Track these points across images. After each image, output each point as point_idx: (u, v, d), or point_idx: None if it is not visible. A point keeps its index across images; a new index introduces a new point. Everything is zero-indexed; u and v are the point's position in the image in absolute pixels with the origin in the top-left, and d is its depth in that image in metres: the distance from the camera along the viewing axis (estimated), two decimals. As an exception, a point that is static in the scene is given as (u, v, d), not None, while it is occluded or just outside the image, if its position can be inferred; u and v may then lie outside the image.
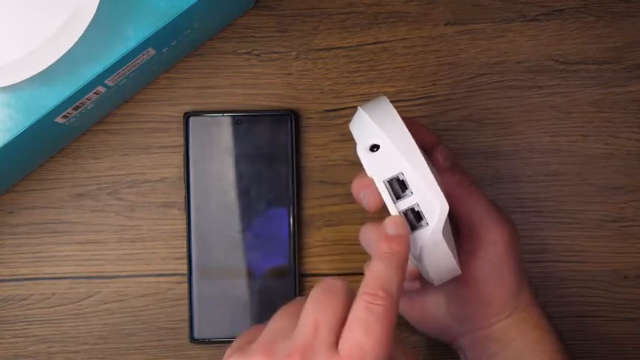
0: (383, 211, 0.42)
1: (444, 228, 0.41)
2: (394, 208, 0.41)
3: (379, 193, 0.41)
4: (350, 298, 0.38)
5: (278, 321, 0.39)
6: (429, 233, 0.41)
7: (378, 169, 0.41)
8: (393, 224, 0.40)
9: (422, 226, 0.41)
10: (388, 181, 0.41)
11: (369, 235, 0.44)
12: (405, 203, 0.41)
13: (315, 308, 0.37)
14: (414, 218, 0.41)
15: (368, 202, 0.43)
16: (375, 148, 0.41)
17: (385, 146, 0.41)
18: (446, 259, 0.42)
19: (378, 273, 0.38)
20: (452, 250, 0.42)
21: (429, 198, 0.40)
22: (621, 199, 0.54)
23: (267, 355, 0.36)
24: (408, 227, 0.40)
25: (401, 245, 0.39)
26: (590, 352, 0.54)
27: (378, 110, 0.42)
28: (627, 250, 0.54)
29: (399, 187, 0.41)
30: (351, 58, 0.54)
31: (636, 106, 0.54)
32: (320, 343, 0.36)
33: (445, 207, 0.40)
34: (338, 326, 0.36)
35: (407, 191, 0.41)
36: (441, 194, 0.40)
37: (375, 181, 0.41)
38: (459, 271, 0.43)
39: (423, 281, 0.46)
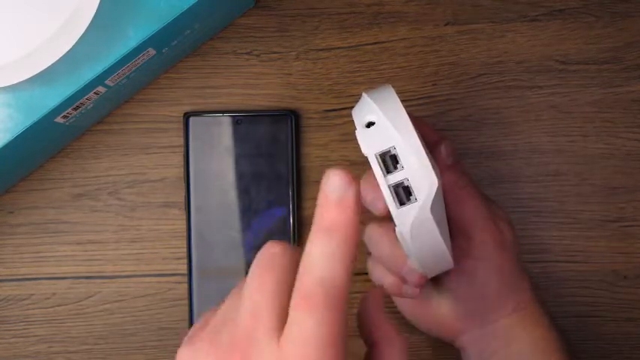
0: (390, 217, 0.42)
1: (435, 208, 0.40)
2: (383, 182, 0.40)
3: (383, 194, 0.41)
4: (294, 262, 0.32)
5: (227, 304, 0.34)
6: (416, 209, 0.40)
7: (370, 143, 0.40)
8: (333, 179, 0.31)
9: (411, 202, 0.40)
10: (380, 155, 0.40)
11: (370, 232, 0.43)
12: (394, 177, 0.40)
13: (253, 288, 0.32)
14: (404, 194, 0.40)
15: (376, 206, 0.42)
16: (370, 124, 0.41)
17: (380, 122, 0.41)
18: (434, 239, 0.40)
19: (314, 264, 0.30)
20: (443, 235, 0.41)
21: (419, 173, 0.40)
22: (621, 199, 0.54)
23: (211, 347, 0.32)
24: (355, 183, 0.31)
25: (343, 213, 0.30)
26: (590, 352, 0.54)
27: (379, 93, 0.42)
28: (627, 250, 0.54)
29: (390, 162, 0.41)
30: (351, 58, 0.54)
31: (636, 106, 0.54)
32: (260, 335, 0.31)
33: (435, 183, 0.40)
34: (280, 304, 0.31)
35: (398, 166, 0.40)
36: (432, 170, 0.40)
37: (368, 156, 0.40)
38: (449, 259, 0.42)
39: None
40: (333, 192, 0.31)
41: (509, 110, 0.54)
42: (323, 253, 0.30)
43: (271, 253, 0.33)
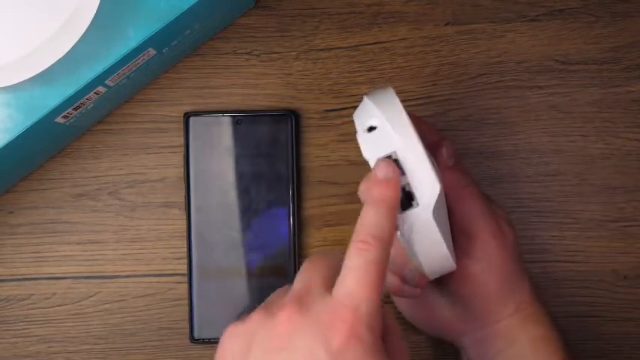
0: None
1: (437, 212, 0.41)
2: None
3: None
4: (341, 261, 0.38)
5: (274, 293, 0.39)
6: (419, 213, 0.40)
7: (372, 148, 0.41)
8: (383, 167, 0.39)
9: (413, 206, 0.40)
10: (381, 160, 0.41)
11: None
12: None
13: (307, 268, 0.38)
14: (406, 198, 0.41)
15: None
16: (372, 129, 0.41)
17: (381, 126, 0.41)
18: (436, 242, 0.41)
19: (368, 220, 0.37)
20: (445, 237, 0.42)
21: (421, 178, 0.40)
22: (621, 199, 0.54)
23: (262, 311, 0.36)
24: (398, 171, 0.40)
25: (390, 190, 0.38)
26: (590, 351, 0.54)
27: (380, 96, 0.42)
28: (627, 250, 0.54)
29: None
30: (351, 58, 0.54)
31: (636, 106, 0.54)
32: (315, 289, 0.36)
33: (437, 187, 0.40)
34: (331, 280, 0.36)
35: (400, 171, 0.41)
36: (434, 175, 0.40)
37: (370, 160, 0.41)
38: (451, 261, 0.42)
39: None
40: (383, 174, 0.39)
41: (509, 110, 0.54)
42: (375, 215, 0.37)
43: (322, 250, 0.40)
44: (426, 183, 0.40)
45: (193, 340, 0.53)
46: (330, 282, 0.36)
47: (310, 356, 0.33)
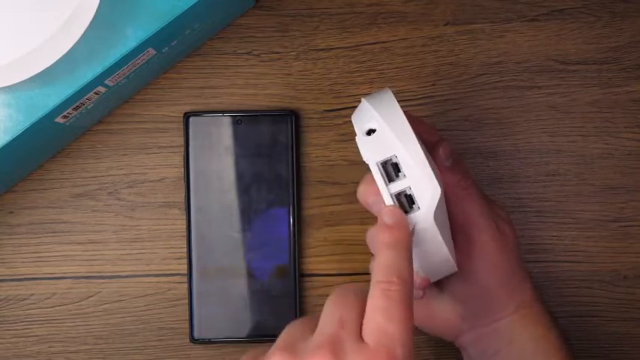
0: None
1: (437, 215, 0.41)
2: (386, 191, 0.40)
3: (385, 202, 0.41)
4: (367, 296, 0.37)
5: (292, 328, 0.38)
6: (419, 217, 0.40)
7: (372, 152, 0.41)
8: (389, 213, 0.40)
9: (414, 210, 0.40)
10: (381, 164, 0.40)
11: (372, 233, 0.43)
12: (396, 186, 0.40)
13: (337, 306, 0.36)
14: (407, 202, 0.41)
15: (378, 208, 0.43)
16: (371, 132, 0.41)
17: (381, 130, 0.41)
18: (438, 246, 0.41)
19: (387, 261, 0.37)
20: (446, 240, 0.42)
21: (422, 181, 0.40)
22: (621, 199, 0.54)
23: (287, 354, 0.35)
24: (404, 214, 0.40)
25: (401, 231, 0.39)
26: (590, 351, 0.54)
27: (378, 99, 0.42)
28: (627, 250, 0.54)
29: (392, 170, 0.41)
30: (351, 58, 0.54)
31: (636, 106, 0.54)
32: (348, 335, 0.35)
33: (437, 191, 0.40)
34: (361, 322, 0.36)
35: (400, 174, 0.40)
36: (434, 178, 0.40)
37: (369, 164, 0.41)
38: (453, 264, 0.43)
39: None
40: (389, 219, 0.39)
41: (509, 110, 0.54)
42: (393, 256, 0.37)
43: (347, 285, 0.38)
44: (426, 187, 0.40)
45: (193, 340, 0.53)
46: (361, 322, 0.36)
47: None
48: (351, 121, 0.43)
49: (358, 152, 0.49)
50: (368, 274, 0.49)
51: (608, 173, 0.54)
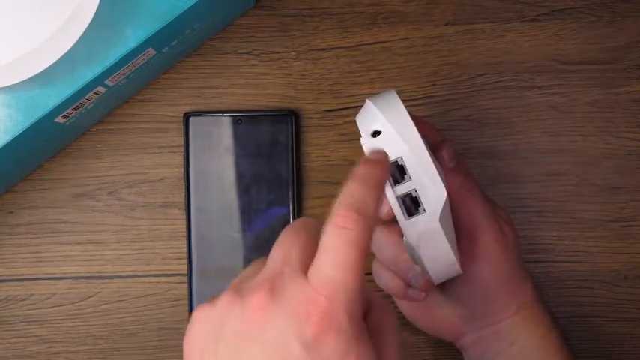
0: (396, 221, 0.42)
1: (443, 218, 0.40)
2: (391, 193, 0.40)
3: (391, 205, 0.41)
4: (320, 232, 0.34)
5: (245, 270, 0.36)
6: (425, 220, 0.40)
7: None
8: (375, 151, 0.39)
9: (419, 212, 0.40)
10: None
11: (375, 235, 0.43)
12: (402, 188, 0.40)
13: (284, 243, 0.34)
14: (412, 205, 0.40)
15: (382, 210, 0.42)
16: (376, 134, 0.41)
17: (386, 132, 0.41)
18: (443, 249, 0.41)
19: (350, 192, 0.34)
20: (451, 243, 0.42)
21: (427, 184, 0.40)
22: (621, 199, 0.54)
23: (232, 293, 0.33)
24: (387, 157, 0.39)
25: (377, 168, 0.36)
26: (590, 351, 0.54)
27: (384, 100, 0.42)
28: (627, 250, 0.54)
29: (398, 172, 0.41)
30: (351, 58, 0.54)
31: (636, 106, 0.54)
32: (290, 271, 0.32)
33: (443, 194, 0.40)
34: (309, 256, 0.33)
35: (405, 177, 0.40)
36: (440, 181, 0.40)
37: None
38: (457, 267, 0.42)
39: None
40: (372, 156, 0.37)
41: (509, 110, 0.54)
42: (359, 188, 0.34)
43: (303, 219, 0.36)
44: (432, 189, 0.40)
45: (193, 340, 0.53)
46: (307, 259, 0.33)
47: (283, 348, 0.31)
48: (352, 121, 0.43)
49: (359, 152, 0.49)
50: (369, 274, 0.49)
51: (609, 173, 0.54)
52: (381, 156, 0.38)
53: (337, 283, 0.31)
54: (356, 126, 0.42)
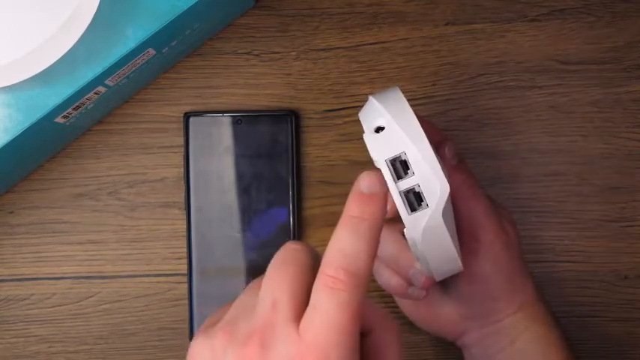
0: (398, 220, 0.42)
1: (445, 214, 0.41)
2: (394, 188, 0.40)
3: (394, 200, 0.41)
4: (314, 260, 0.33)
5: (243, 298, 0.35)
6: (428, 215, 0.40)
7: (380, 149, 0.40)
8: (367, 179, 0.34)
9: (422, 207, 0.40)
10: (390, 161, 0.40)
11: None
12: (405, 183, 0.40)
13: (273, 282, 0.32)
14: (415, 200, 0.40)
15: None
16: (379, 129, 0.41)
17: (389, 127, 0.41)
18: (445, 245, 0.41)
19: (341, 246, 0.32)
20: (453, 240, 0.42)
21: (430, 179, 0.40)
22: (621, 199, 0.54)
23: (227, 337, 0.32)
24: (386, 185, 0.36)
25: (374, 206, 0.33)
26: (590, 351, 0.54)
27: (387, 97, 0.42)
28: (627, 250, 0.54)
29: (401, 167, 0.41)
30: (351, 58, 0.54)
31: (636, 106, 0.54)
32: (280, 322, 0.31)
33: (446, 188, 0.40)
34: (300, 298, 0.32)
35: (409, 172, 0.40)
36: (443, 176, 0.40)
37: (378, 161, 0.41)
38: (459, 263, 0.42)
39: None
40: (366, 188, 0.34)
41: (509, 110, 0.54)
42: (349, 238, 0.32)
43: (292, 249, 0.34)
44: (435, 184, 0.40)
45: (193, 340, 0.53)
46: (299, 304, 0.32)
47: None
48: (352, 121, 0.43)
49: (359, 152, 0.49)
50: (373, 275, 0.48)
51: (609, 173, 0.54)
52: (376, 188, 0.34)
53: (329, 345, 0.31)
54: (358, 124, 0.42)
